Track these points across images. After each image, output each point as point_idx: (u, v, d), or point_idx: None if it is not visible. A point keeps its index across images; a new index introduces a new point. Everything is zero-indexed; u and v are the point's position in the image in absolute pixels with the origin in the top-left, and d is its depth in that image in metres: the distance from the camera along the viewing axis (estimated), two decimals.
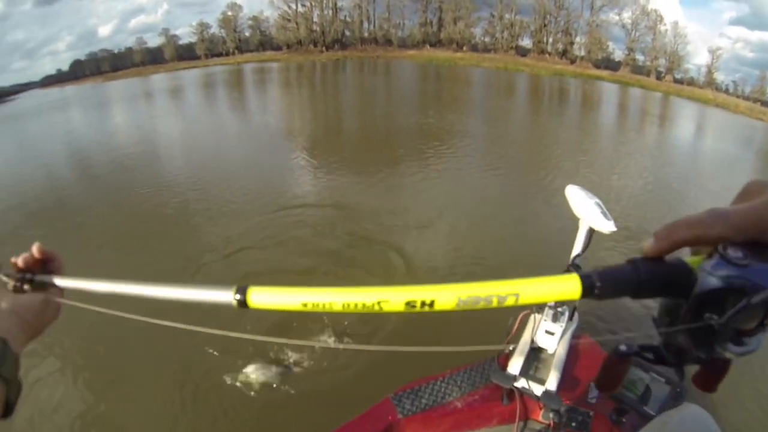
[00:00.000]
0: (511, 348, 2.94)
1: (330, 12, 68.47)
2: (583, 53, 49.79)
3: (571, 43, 50.36)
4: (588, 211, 2.59)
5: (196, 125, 21.87)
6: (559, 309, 2.87)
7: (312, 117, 19.87)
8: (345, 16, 66.94)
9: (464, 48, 52.45)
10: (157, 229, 8.82)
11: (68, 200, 11.18)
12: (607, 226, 2.51)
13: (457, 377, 2.99)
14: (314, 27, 70.16)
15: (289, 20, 74.26)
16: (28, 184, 12.89)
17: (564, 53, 50.13)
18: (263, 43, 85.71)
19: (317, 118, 19.66)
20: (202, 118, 23.97)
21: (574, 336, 3.01)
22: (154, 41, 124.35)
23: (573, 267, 2.64)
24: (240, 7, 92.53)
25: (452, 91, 24.82)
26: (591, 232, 2.69)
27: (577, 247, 2.76)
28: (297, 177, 11.87)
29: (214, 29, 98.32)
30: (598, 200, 2.63)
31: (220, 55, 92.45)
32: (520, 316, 2.97)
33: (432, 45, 53.03)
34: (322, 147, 14.27)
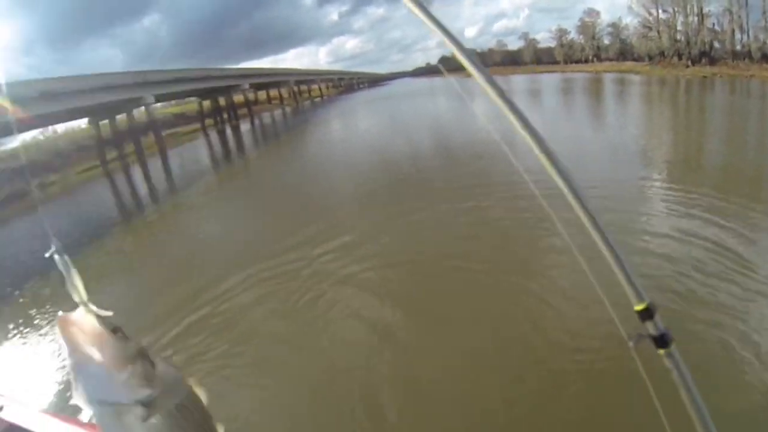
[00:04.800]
0: None
1: (695, 19, 61.09)
2: None
3: None
4: None
5: (551, 130, 22.19)
6: None
7: (669, 143, 18.71)
8: (713, 24, 58.93)
9: None
10: None
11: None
12: None
13: None
14: (678, 36, 63.45)
15: (650, 28, 69.11)
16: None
17: None
18: (623, 52, 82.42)
19: (676, 145, 18.43)
20: (559, 123, 24.35)
21: None
22: (514, 44, 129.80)
23: None
24: (598, 13, 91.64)
25: None
26: None
27: None
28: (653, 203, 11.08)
29: (573, 35, 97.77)
30: None
31: (578, 61, 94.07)
32: None
33: None
34: (673, 176, 13.07)
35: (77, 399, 1.04)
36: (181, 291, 10.05)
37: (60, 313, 1.04)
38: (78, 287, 1.07)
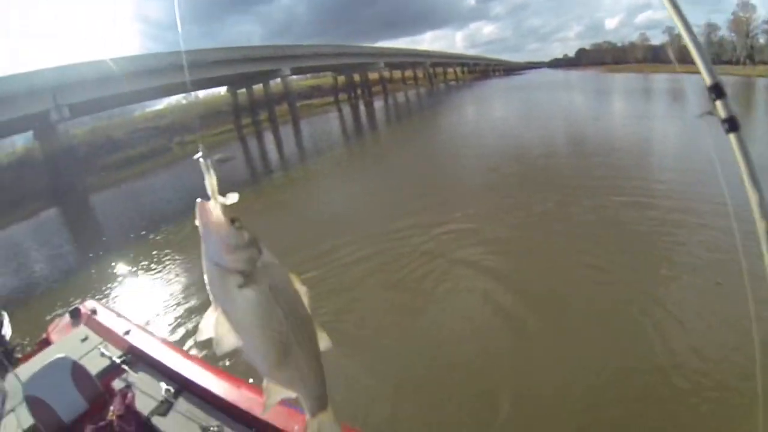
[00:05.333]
0: None
1: None
2: None
3: None
4: None
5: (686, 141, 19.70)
6: None
7: None
8: None
9: None
10: None
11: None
12: None
13: None
14: None
15: None
16: None
17: None
18: None
19: None
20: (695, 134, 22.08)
21: None
22: (657, 38, 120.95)
23: None
24: (753, 7, 77.39)
25: None
26: None
27: None
28: None
29: (724, 32, 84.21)
30: None
31: (728, 62, 79.75)
32: None
33: None
34: None
35: (203, 258, 1.35)
36: (297, 249, 10.16)
37: (198, 200, 1.32)
38: (213, 185, 1.35)
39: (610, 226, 9.24)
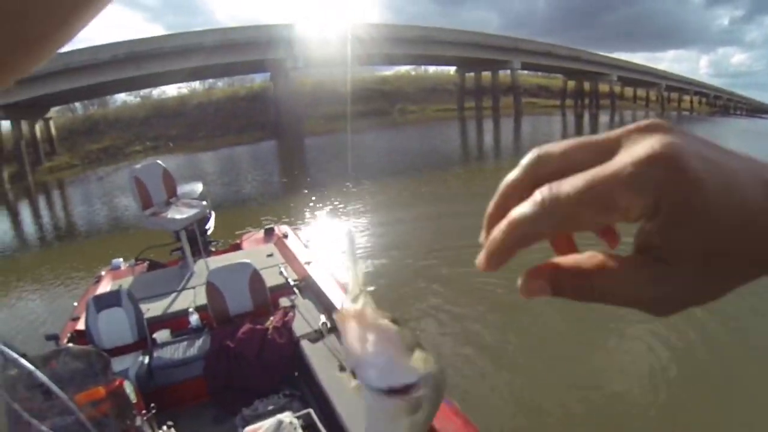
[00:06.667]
0: None
1: None
2: None
3: None
4: None
5: None
6: None
7: None
8: None
9: None
10: None
11: None
12: None
13: None
14: None
15: None
16: None
17: None
18: None
19: None
20: None
21: None
22: None
23: None
24: None
25: None
26: None
27: None
28: None
29: None
30: None
31: None
32: None
33: None
34: None
35: (358, 385, 0.86)
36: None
37: (341, 307, 0.87)
38: (359, 277, 0.88)
39: None
